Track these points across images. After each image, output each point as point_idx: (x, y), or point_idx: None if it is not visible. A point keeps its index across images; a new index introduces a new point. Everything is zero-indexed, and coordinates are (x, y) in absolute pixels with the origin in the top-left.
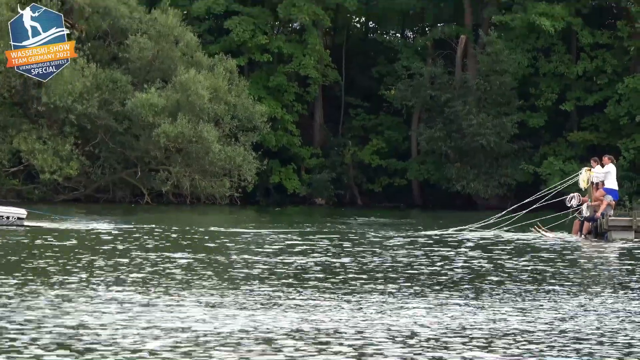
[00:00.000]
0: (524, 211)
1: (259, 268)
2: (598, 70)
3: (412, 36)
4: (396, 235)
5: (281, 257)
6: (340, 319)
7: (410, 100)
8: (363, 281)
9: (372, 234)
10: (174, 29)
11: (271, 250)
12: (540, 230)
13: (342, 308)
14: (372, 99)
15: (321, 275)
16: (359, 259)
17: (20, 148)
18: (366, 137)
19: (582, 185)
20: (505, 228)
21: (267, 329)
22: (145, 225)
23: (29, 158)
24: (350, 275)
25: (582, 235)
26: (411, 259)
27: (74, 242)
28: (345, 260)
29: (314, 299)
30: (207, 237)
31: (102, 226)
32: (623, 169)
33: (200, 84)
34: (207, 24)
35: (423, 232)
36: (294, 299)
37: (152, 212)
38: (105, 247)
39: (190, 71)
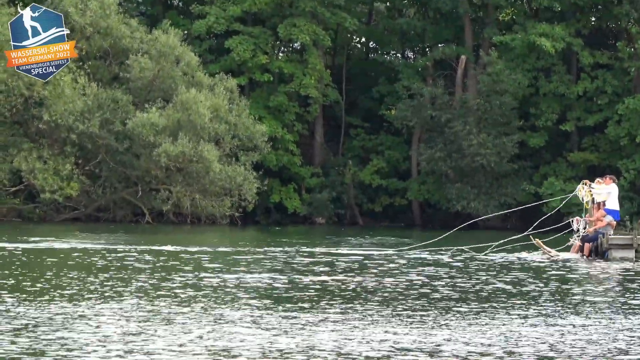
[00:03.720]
0: (528, 232)
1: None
2: (598, 91)
3: (412, 56)
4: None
5: (304, 276)
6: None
7: (410, 120)
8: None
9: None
10: (174, 49)
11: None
12: (541, 246)
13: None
14: (373, 118)
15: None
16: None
17: (20, 167)
18: (367, 157)
19: (586, 197)
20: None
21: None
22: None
23: (30, 178)
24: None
25: (584, 256)
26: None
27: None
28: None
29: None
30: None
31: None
32: (624, 189)
33: (201, 103)
34: (208, 43)
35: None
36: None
37: (155, 232)
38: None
39: (191, 91)
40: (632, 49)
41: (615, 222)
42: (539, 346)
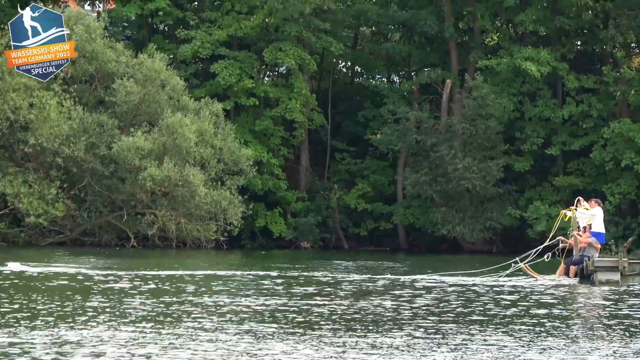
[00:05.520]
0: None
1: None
2: (584, 115)
3: (398, 81)
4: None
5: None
6: None
7: (396, 144)
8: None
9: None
10: (160, 73)
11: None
12: (528, 270)
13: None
14: (358, 143)
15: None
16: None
17: (5, 191)
18: (352, 181)
19: (572, 215)
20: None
21: None
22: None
23: (15, 202)
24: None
25: (570, 278)
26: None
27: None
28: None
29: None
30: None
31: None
32: (609, 213)
33: (187, 127)
34: (194, 67)
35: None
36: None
37: (141, 256)
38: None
39: (176, 115)
40: (618, 73)
41: (599, 245)
42: None
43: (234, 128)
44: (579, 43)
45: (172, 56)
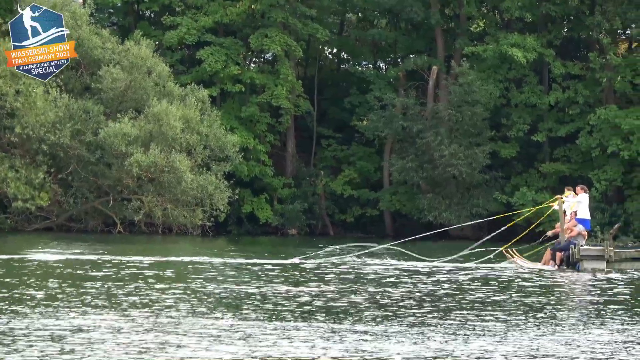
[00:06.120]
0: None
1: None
2: (570, 101)
3: (384, 67)
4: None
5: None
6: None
7: (382, 131)
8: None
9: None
10: (146, 60)
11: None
12: (513, 255)
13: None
14: (344, 129)
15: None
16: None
17: None
18: (338, 168)
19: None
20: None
21: None
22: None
23: (2, 186)
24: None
25: (555, 265)
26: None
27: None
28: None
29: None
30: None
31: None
32: (595, 200)
33: (173, 115)
34: (179, 54)
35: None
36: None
37: (128, 242)
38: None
39: (162, 102)
40: (604, 60)
41: (586, 232)
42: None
43: (219, 114)
44: (565, 29)
45: (157, 43)
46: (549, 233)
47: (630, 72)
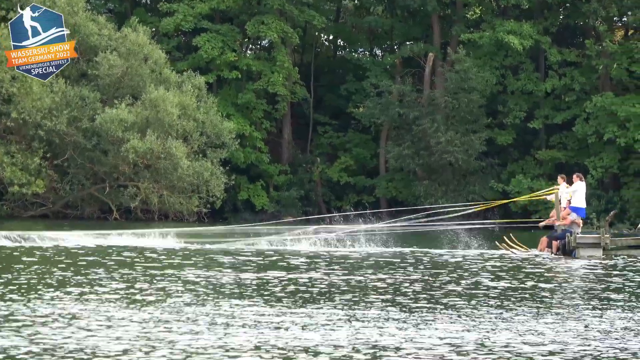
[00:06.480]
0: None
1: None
2: (566, 89)
3: (380, 54)
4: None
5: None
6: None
7: (378, 117)
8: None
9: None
10: (143, 47)
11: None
12: (509, 245)
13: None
14: (341, 116)
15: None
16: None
17: None
18: (334, 155)
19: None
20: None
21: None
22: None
23: None
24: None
25: (552, 253)
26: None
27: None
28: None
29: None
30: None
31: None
32: (591, 187)
33: (170, 101)
34: (176, 40)
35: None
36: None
37: (124, 228)
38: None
39: (159, 88)
40: (600, 47)
41: (581, 220)
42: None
43: (216, 101)
44: (561, 17)
45: (154, 29)
46: (542, 224)
47: (627, 59)
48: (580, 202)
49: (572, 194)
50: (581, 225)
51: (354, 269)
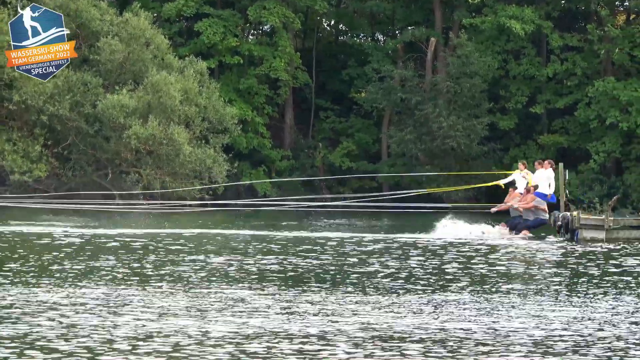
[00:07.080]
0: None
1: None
2: (568, 73)
3: (382, 39)
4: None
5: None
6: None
7: (380, 102)
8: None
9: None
10: (145, 32)
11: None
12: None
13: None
14: (343, 101)
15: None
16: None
17: None
18: (336, 140)
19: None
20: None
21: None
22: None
23: None
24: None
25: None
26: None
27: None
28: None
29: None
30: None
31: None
32: (593, 172)
33: (172, 86)
34: (178, 26)
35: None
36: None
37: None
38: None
39: (161, 73)
40: (602, 32)
41: (545, 206)
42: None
43: (218, 86)
44: (563, 1)
45: (156, 14)
46: (493, 210)
47: (629, 44)
48: (544, 189)
49: (531, 179)
50: (547, 211)
51: (366, 255)
